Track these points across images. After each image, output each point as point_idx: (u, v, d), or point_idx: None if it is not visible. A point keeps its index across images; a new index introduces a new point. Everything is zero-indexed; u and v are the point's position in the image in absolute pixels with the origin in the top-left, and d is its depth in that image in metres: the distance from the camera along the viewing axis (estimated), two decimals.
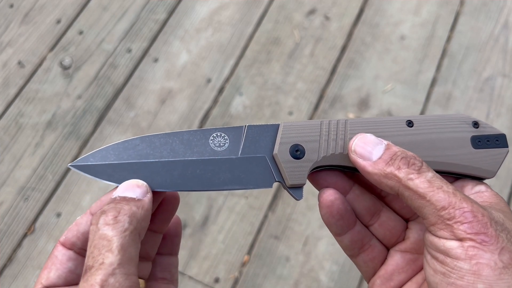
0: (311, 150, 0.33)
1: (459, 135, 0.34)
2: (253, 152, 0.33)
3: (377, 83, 1.03)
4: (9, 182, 0.93)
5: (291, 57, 1.05)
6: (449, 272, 0.28)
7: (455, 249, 0.28)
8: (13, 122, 0.98)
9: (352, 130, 0.33)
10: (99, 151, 0.32)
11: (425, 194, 0.29)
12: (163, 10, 1.10)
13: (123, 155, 0.32)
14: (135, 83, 1.02)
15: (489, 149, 0.35)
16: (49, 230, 0.90)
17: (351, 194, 0.35)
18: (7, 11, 1.09)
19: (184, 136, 0.33)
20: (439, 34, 1.08)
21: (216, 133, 0.33)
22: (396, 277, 0.35)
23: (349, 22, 1.09)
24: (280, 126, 0.33)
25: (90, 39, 1.06)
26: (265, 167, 0.33)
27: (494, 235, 0.28)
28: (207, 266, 0.88)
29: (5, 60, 1.04)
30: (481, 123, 0.35)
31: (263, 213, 0.91)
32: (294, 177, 0.32)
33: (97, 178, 0.31)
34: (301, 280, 0.87)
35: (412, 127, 0.34)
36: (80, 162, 0.31)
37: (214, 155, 0.32)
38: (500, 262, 0.27)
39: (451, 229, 0.28)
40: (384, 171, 0.30)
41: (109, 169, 0.31)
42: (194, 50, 1.06)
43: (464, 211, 0.28)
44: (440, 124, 0.34)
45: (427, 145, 0.34)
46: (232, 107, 1.00)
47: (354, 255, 0.36)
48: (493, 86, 1.03)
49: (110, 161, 0.31)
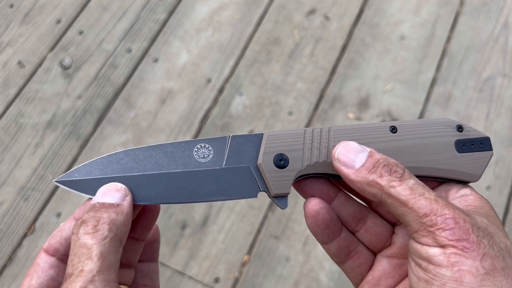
0: (295, 159, 0.33)
1: (443, 140, 0.34)
2: (238, 163, 0.33)
3: (377, 83, 1.03)
4: (9, 182, 0.93)
5: (291, 57, 1.05)
6: (431, 279, 0.28)
7: (437, 256, 0.28)
8: (13, 122, 0.98)
9: (336, 138, 0.33)
10: (84, 166, 0.32)
11: (407, 202, 0.29)
12: (163, 10, 1.10)
13: (107, 169, 0.32)
14: (135, 83, 1.02)
15: (473, 153, 0.34)
16: (49, 230, 0.90)
17: (336, 201, 0.35)
18: (7, 11, 1.09)
19: (168, 149, 0.33)
20: (439, 34, 1.08)
21: (200, 145, 0.33)
22: (384, 283, 0.35)
23: (349, 22, 1.09)
24: (263, 136, 0.33)
25: (90, 39, 1.06)
26: (249, 177, 0.33)
27: (476, 241, 0.28)
28: (207, 266, 0.88)
29: (5, 60, 1.04)
30: (465, 126, 0.35)
31: (263, 213, 0.91)
32: (278, 186, 0.32)
33: (82, 193, 0.31)
34: (301, 280, 0.87)
35: (396, 132, 0.34)
36: (65, 178, 0.31)
37: (199, 167, 0.32)
38: (482, 268, 0.27)
39: (433, 236, 0.28)
40: (367, 179, 0.31)
41: (94, 184, 0.31)
42: (194, 50, 1.06)
43: (446, 217, 0.28)
44: (424, 129, 0.34)
45: (411, 150, 0.34)
46: (232, 107, 1.00)
47: (341, 262, 0.36)
48: (493, 86, 1.03)
49: (94, 176, 0.31)
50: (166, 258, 0.88)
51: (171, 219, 0.91)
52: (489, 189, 0.94)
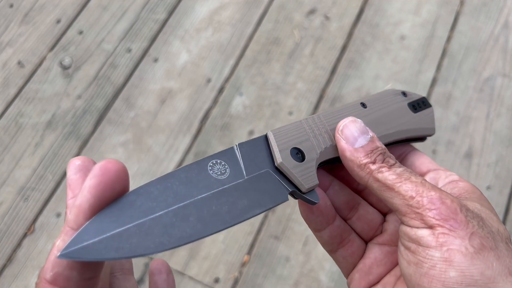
0: (309, 149, 0.32)
1: (399, 105, 0.37)
2: (256, 170, 0.30)
3: (377, 83, 1.03)
4: (9, 182, 0.93)
5: (291, 57, 1.05)
6: (421, 262, 0.28)
7: (426, 237, 0.28)
8: (13, 122, 0.98)
9: (328, 121, 0.34)
10: (91, 223, 0.25)
11: (393, 186, 0.29)
12: (163, 10, 1.10)
13: (123, 219, 0.25)
14: (135, 83, 1.02)
15: (423, 111, 0.38)
16: (49, 230, 0.90)
17: (330, 190, 0.36)
18: (7, 11, 1.09)
19: (181, 175, 0.28)
20: (439, 34, 1.08)
21: (212, 162, 0.30)
22: (375, 271, 0.35)
23: (349, 22, 1.09)
24: (269, 135, 0.32)
25: (90, 39, 1.06)
26: (273, 181, 0.30)
27: (464, 220, 0.28)
28: (207, 266, 0.88)
29: (5, 60, 1.04)
30: (407, 92, 0.39)
31: (263, 213, 0.91)
32: (307, 180, 0.31)
33: (102, 258, 0.24)
34: (301, 280, 0.87)
35: (366, 108, 0.36)
36: (73, 246, 0.24)
37: (223, 185, 0.29)
38: (471, 247, 0.27)
39: (421, 217, 0.28)
40: (360, 161, 0.31)
41: (114, 241, 0.24)
42: (194, 50, 1.06)
43: (432, 198, 0.28)
44: (383, 100, 0.37)
45: (381, 120, 0.36)
46: (232, 107, 1.00)
47: (333, 250, 0.36)
48: (493, 86, 1.03)
49: (111, 231, 0.25)
50: (166, 258, 0.88)
51: None
52: (489, 189, 0.94)
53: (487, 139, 0.98)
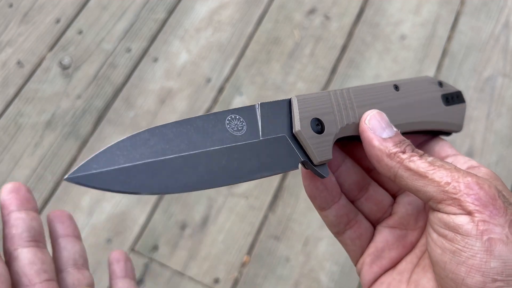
0: (330, 123, 0.31)
1: (432, 95, 0.36)
2: (273, 133, 0.29)
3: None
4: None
5: (291, 57, 1.05)
6: (459, 251, 0.27)
7: (466, 225, 0.27)
8: (12, 122, 0.98)
9: (357, 98, 0.33)
10: (102, 153, 0.25)
11: (427, 173, 0.29)
12: (163, 9, 1.10)
13: (134, 155, 0.25)
14: (135, 83, 1.02)
15: (455, 105, 0.37)
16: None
17: (343, 167, 0.35)
18: (7, 10, 1.09)
19: (198, 123, 0.28)
20: (440, 33, 1.08)
21: (230, 116, 0.29)
22: (387, 254, 0.34)
23: (349, 21, 1.09)
24: (293, 100, 0.31)
25: (90, 38, 1.06)
26: (287, 147, 0.29)
27: (502, 207, 0.27)
28: (207, 266, 0.87)
29: (5, 60, 1.03)
30: (443, 82, 0.37)
31: (263, 213, 0.91)
32: (321, 153, 0.30)
33: (107, 189, 0.25)
34: (301, 281, 0.87)
35: (399, 90, 0.35)
36: (81, 172, 0.24)
37: (236, 141, 0.28)
38: (511, 235, 0.26)
39: (458, 202, 0.27)
40: (390, 150, 0.30)
41: (122, 175, 0.25)
42: (194, 50, 1.06)
43: (469, 182, 0.27)
44: (417, 87, 0.36)
45: (412, 106, 0.35)
46: (232, 107, 1.00)
47: (340, 232, 0.35)
48: (493, 86, 1.03)
49: (120, 165, 0.25)
50: (166, 258, 0.88)
51: (171, 219, 0.91)
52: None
53: (488, 139, 0.98)
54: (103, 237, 0.89)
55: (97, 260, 0.87)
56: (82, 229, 0.90)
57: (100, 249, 0.88)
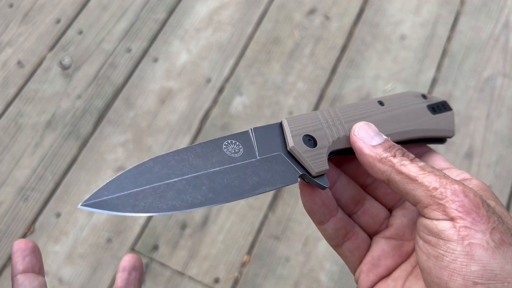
0: (321, 137, 0.33)
1: (418, 106, 0.38)
2: (269, 152, 0.32)
3: (378, 83, 1.03)
4: (8, 182, 0.93)
5: (291, 57, 1.05)
6: (441, 255, 0.28)
7: (447, 230, 0.28)
8: (12, 122, 0.98)
9: (344, 114, 0.35)
10: (112, 182, 0.28)
11: (417, 177, 0.30)
12: (163, 9, 1.10)
13: (141, 181, 0.28)
14: (135, 83, 1.02)
15: (443, 113, 0.39)
16: (49, 230, 0.90)
17: (338, 183, 0.36)
18: (7, 11, 1.09)
19: (197, 150, 0.31)
20: (440, 33, 1.08)
21: (227, 141, 0.32)
22: (383, 263, 0.35)
23: (349, 21, 1.09)
24: (284, 122, 0.33)
25: (90, 38, 1.06)
26: (284, 164, 0.32)
27: (485, 215, 0.28)
28: (207, 266, 0.87)
29: (5, 60, 1.04)
30: (427, 95, 0.40)
31: (263, 213, 0.91)
32: (317, 164, 0.32)
33: (118, 212, 0.27)
34: (301, 281, 0.87)
35: (384, 106, 0.37)
36: (93, 199, 0.27)
37: (235, 162, 0.31)
38: (492, 241, 0.27)
39: (443, 208, 0.28)
40: (381, 155, 0.31)
41: (131, 199, 0.28)
42: (194, 50, 1.06)
43: (456, 190, 0.28)
44: (402, 100, 0.38)
45: (399, 118, 0.37)
46: (232, 107, 1.00)
47: (339, 244, 0.36)
48: (493, 86, 1.03)
49: (129, 190, 0.28)
50: (166, 258, 0.88)
51: (171, 219, 0.91)
52: None
53: (488, 139, 0.98)
54: (104, 237, 0.89)
55: (98, 260, 0.87)
56: (82, 228, 0.90)
57: (100, 249, 0.88)
